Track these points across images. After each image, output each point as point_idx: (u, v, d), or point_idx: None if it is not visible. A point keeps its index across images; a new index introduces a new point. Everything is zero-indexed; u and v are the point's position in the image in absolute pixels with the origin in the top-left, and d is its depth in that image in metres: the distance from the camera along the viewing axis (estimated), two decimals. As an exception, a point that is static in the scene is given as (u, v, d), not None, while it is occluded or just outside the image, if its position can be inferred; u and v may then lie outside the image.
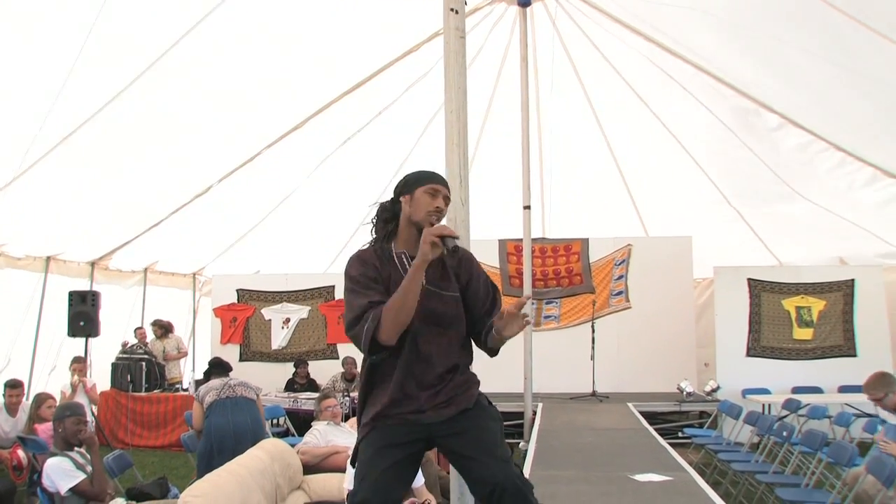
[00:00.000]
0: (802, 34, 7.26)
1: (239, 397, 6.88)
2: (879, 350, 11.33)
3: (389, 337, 2.87)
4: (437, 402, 2.99)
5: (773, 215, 11.94)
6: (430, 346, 3.02)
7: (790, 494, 6.03)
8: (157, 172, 9.52)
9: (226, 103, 8.65)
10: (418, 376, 2.99)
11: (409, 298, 2.86)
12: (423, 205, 3.06)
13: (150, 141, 8.73)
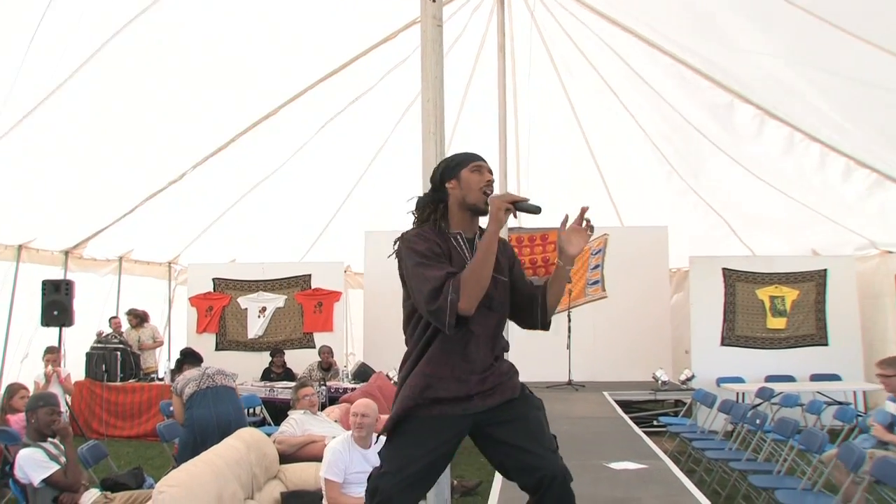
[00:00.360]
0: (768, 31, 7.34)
1: (219, 386, 6.87)
2: (850, 339, 11.48)
3: (471, 306, 2.85)
4: (484, 389, 2.99)
5: (743, 207, 12.04)
6: (480, 327, 3.01)
7: (762, 481, 6.10)
8: (130, 159, 9.38)
9: (201, 88, 8.55)
10: (470, 357, 2.99)
11: (487, 265, 2.88)
12: (474, 183, 3.06)
13: (124, 126, 8.61)
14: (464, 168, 3.10)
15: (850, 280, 11.65)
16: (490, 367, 3.04)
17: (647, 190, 12.24)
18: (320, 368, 11.10)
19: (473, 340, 3.00)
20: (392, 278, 11.17)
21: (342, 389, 10.14)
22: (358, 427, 5.26)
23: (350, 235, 12.85)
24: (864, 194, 9.95)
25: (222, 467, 4.62)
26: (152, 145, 9.34)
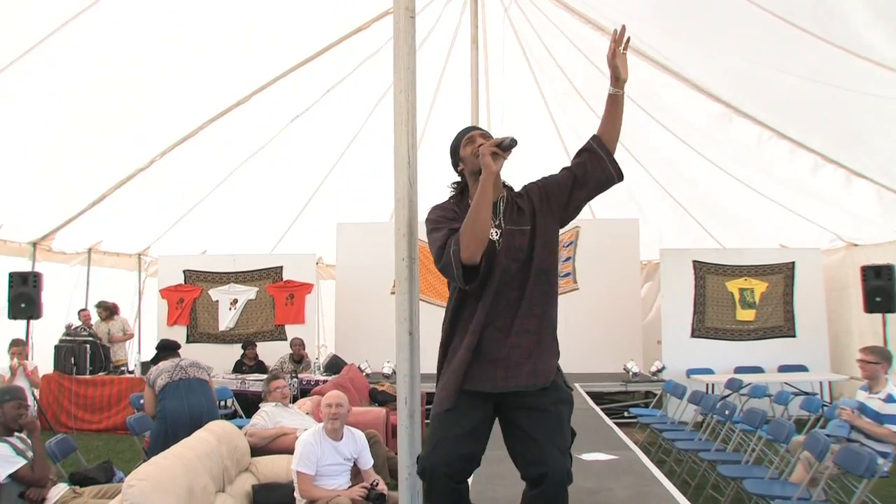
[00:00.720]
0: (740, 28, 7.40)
1: (192, 379, 6.83)
2: (817, 331, 11.65)
3: (472, 253, 2.96)
4: (515, 361, 3.06)
5: (713, 202, 12.14)
6: (513, 283, 3.10)
7: (731, 471, 6.17)
8: (98, 147, 9.18)
9: (170, 75, 8.39)
10: (502, 315, 3.08)
11: (481, 210, 2.98)
12: (469, 154, 3.21)
13: (92, 114, 8.43)
14: (460, 148, 3.28)
15: (816, 272, 11.80)
16: (523, 334, 3.10)
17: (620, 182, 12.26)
18: (292, 361, 11.05)
19: (505, 298, 3.10)
20: (365, 269, 11.28)
21: (314, 382, 10.11)
22: (332, 418, 5.25)
23: (322, 227, 12.79)
24: (832, 189, 10.06)
25: (193, 460, 4.58)
26: (121, 133, 9.14)
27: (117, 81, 8.09)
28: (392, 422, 7.59)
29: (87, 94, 8.07)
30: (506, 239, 3.15)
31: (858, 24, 6.43)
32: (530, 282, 3.14)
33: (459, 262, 2.97)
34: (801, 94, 8.27)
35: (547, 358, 3.17)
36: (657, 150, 11.09)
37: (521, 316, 3.10)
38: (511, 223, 3.19)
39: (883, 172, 9.46)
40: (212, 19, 7.80)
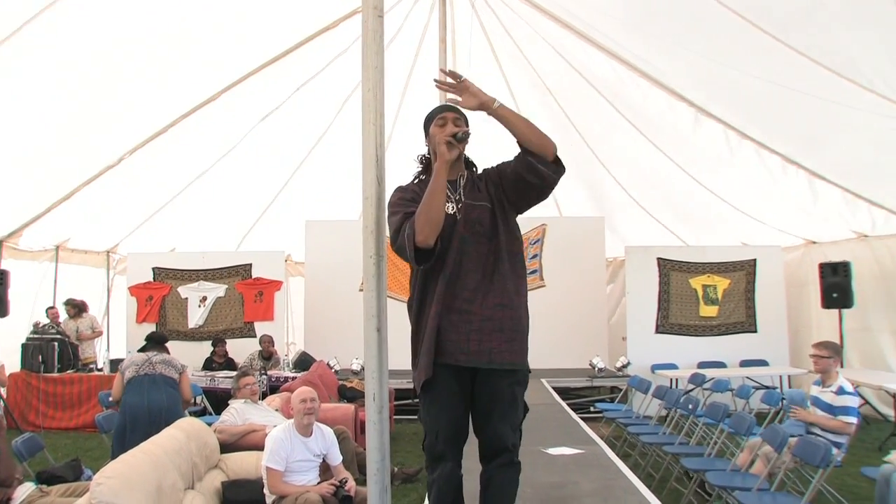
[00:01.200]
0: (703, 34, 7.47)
1: (157, 375, 6.78)
2: (777, 326, 11.83)
3: (426, 237, 3.11)
4: (488, 332, 3.18)
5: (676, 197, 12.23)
6: (477, 253, 3.25)
7: (694, 464, 6.23)
8: (66, 143, 9.06)
9: (139, 68, 8.26)
10: (470, 289, 3.21)
11: (435, 196, 3.13)
12: (438, 136, 3.30)
13: (59, 109, 8.32)
14: (431, 123, 3.43)
15: (777, 269, 11.97)
16: (497, 308, 3.22)
17: (585, 180, 12.34)
18: (261, 357, 11.04)
19: (464, 268, 3.23)
20: (333, 267, 11.24)
21: (283, 378, 10.08)
22: (307, 413, 5.27)
23: (291, 224, 12.74)
24: (793, 189, 10.20)
25: (162, 457, 4.54)
26: (88, 130, 9.02)
27: (85, 79, 7.98)
28: (361, 418, 7.59)
29: (55, 91, 7.96)
30: (464, 212, 3.28)
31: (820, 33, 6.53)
32: (502, 261, 3.28)
33: (413, 244, 3.12)
34: (765, 97, 8.37)
35: (521, 339, 3.31)
36: (623, 149, 11.15)
37: (494, 293, 3.23)
38: (470, 198, 3.35)
39: (841, 174, 9.62)
40: (180, 18, 7.72)
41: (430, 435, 3.25)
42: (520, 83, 10.58)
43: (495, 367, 3.18)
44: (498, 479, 3.21)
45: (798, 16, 6.49)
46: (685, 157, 10.69)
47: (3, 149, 8.60)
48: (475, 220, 3.29)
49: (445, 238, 3.22)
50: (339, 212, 12.35)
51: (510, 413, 3.22)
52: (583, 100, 10.23)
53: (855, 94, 7.09)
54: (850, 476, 6.97)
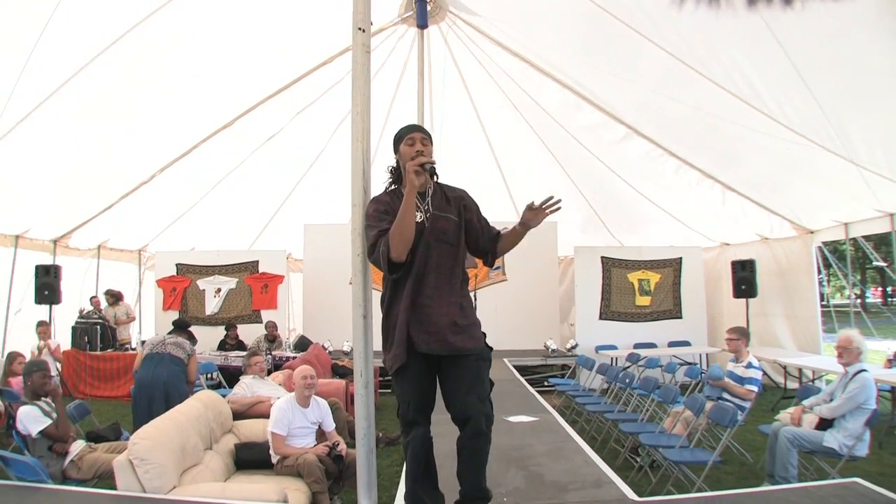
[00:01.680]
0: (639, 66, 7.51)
1: (166, 354, 6.76)
2: (698, 313, 12.00)
3: (399, 254, 3.07)
4: (448, 323, 3.15)
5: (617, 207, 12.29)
6: (440, 257, 3.21)
7: (630, 427, 6.27)
8: (108, 162, 9.25)
9: (169, 100, 8.40)
10: (430, 281, 3.17)
11: (406, 218, 3.05)
12: (406, 155, 3.26)
13: (104, 133, 8.47)
14: (401, 142, 3.34)
15: (698, 266, 12.10)
16: (455, 306, 3.20)
17: (541, 190, 12.31)
18: (266, 340, 10.99)
19: (432, 267, 3.18)
20: (327, 263, 11.16)
21: (285, 358, 10.02)
22: (308, 387, 5.27)
23: (292, 227, 12.71)
24: (710, 199, 10.30)
25: (185, 423, 4.62)
26: (126, 152, 9.21)
27: (127, 110, 8.18)
28: (351, 391, 7.55)
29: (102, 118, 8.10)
30: (431, 221, 3.22)
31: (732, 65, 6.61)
32: (458, 265, 3.28)
33: (387, 259, 3.08)
34: (688, 121, 8.45)
35: (476, 328, 3.26)
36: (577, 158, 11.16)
37: (451, 292, 3.20)
38: (437, 209, 3.28)
39: (747, 187, 9.77)
40: (202, 59, 7.81)
41: (403, 405, 3.22)
42: (485, 105, 10.57)
43: (455, 354, 3.16)
44: (469, 447, 3.18)
45: (717, 54, 6.55)
46: (624, 169, 10.75)
47: (58, 167, 8.73)
48: (441, 229, 3.24)
49: (414, 243, 3.16)
50: (333, 216, 12.33)
51: (476, 385, 3.16)
52: (540, 117, 10.25)
53: (760, 120, 7.19)
54: (750, 433, 7.12)
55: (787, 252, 10.86)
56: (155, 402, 6.32)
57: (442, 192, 3.37)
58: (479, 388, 3.18)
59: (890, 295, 37.48)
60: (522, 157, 11.63)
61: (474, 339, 3.22)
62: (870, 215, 8.84)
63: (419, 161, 3.11)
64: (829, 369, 7.99)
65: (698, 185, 10.05)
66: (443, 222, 3.25)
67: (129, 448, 4.03)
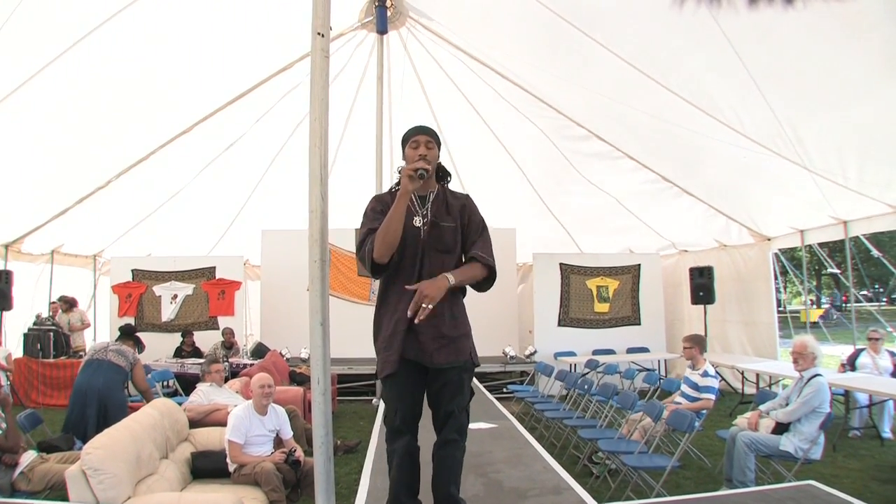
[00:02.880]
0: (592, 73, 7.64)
1: (105, 361, 6.65)
2: (656, 319, 12.15)
3: (380, 255, 3.11)
4: (436, 335, 3.17)
5: (577, 212, 12.41)
6: (433, 266, 3.21)
7: (588, 434, 6.33)
8: (63, 166, 9.12)
9: (126, 106, 8.31)
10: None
11: (393, 222, 3.07)
12: (409, 158, 3.30)
13: (59, 138, 8.36)
14: (406, 145, 3.36)
15: (656, 273, 12.28)
16: (444, 317, 3.21)
17: (498, 196, 12.41)
18: (223, 347, 10.87)
19: (426, 278, 3.16)
20: (285, 270, 11.05)
21: (242, 365, 9.92)
22: (266, 395, 5.26)
23: (250, 233, 12.60)
24: (669, 204, 10.47)
25: (140, 432, 4.55)
26: (82, 157, 9.08)
27: (82, 115, 8.06)
28: (308, 398, 7.51)
29: (56, 124, 8.03)
30: (430, 228, 3.25)
31: (689, 76, 6.76)
32: (445, 261, 3.29)
33: (371, 259, 3.14)
34: (646, 126, 8.59)
35: (464, 339, 3.32)
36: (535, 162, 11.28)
37: (443, 303, 3.15)
38: (436, 216, 3.30)
39: (706, 194, 9.94)
40: (157, 66, 7.77)
41: (390, 413, 3.27)
42: (444, 110, 10.62)
43: (443, 367, 3.20)
44: (439, 455, 3.23)
45: (674, 62, 6.70)
46: (584, 177, 10.89)
47: (12, 171, 8.61)
48: (437, 236, 3.26)
49: (410, 249, 3.21)
50: (291, 222, 12.26)
51: (456, 396, 3.24)
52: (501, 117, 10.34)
53: (716, 128, 7.37)
54: (708, 437, 7.27)
55: (745, 258, 11.11)
56: (89, 409, 6.25)
57: (444, 198, 3.39)
58: (458, 399, 3.26)
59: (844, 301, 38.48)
60: (481, 161, 11.70)
61: (459, 351, 3.25)
62: (825, 222, 9.11)
63: (413, 166, 3.12)
64: (786, 374, 8.17)
65: (656, 189, 10.25)
66: (439, 230, 3.27)
67: (83, 458, 3.95)
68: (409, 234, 3.21)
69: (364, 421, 8.87)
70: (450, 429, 3.22)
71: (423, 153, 3.27)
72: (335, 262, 12.14)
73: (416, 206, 3.30)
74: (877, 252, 10.14)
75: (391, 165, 11.70)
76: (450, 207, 3.37)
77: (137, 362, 6.91)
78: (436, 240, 3.25)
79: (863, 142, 6.72)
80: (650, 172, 9.96)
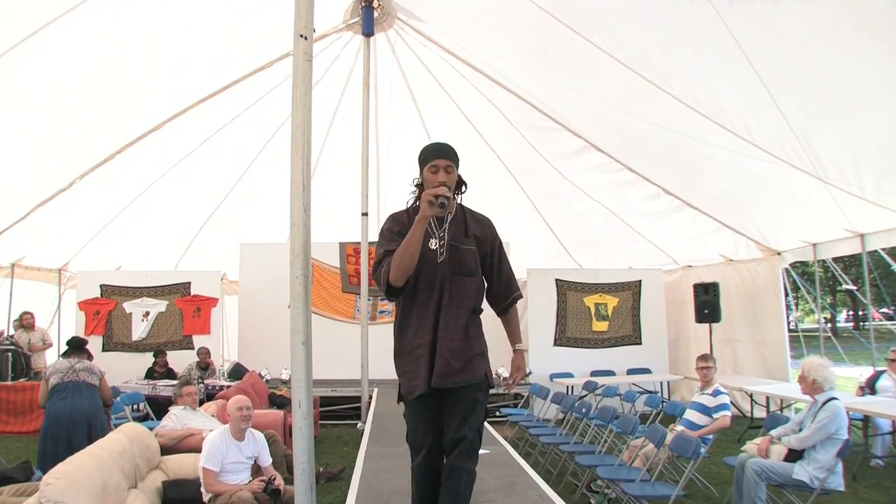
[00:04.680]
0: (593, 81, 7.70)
1: (81, 382, 6.60)
2: (658, 339, 12.15)
3: (396, 279, 3.21)
4: (452, 357, 3.29)
5: (574, 225, 12.44)
6: (456, 290, 3.34)
7: (587, 460, 6.31)
8: (20, 167, 8.96)
9: (88, 102, 8.19)
10: (448, 316, 3.32)
11: (410, 246, 3.16)
12: (429, 182, 3.34)
13: (15, 137, 8.22)
14: (425, 166, 3.39)
15: (658, 290, 12.31)
16: (462, 339, 3.35)
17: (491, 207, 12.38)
18: (198, 368, 10.82)
19: (450, 303, 3.32)
20: (265, 286, 11.02)
21: (218, 387, 9.88)
22: (244, 419, 5.22)
23: (227, 247, 12.55)
24: (671, 217, 10.51)
25: (106, 459, 4.47)
26: (41, 156, 8.92)
27: (40, 112, 7.93)
28: (289, 423, 7.49)
29: (13, 122, 7.90)
30: (449, 252, 3.34)
31: (694, 81, 6.80)
32: (478, 297, 3.47)
33: (387, 281, 3.24)
34: (646, 135, 8.64)
35: (479, 359, 3.46)
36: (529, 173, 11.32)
37: (463, 325, 3.35)
38: (455, 239, 3.40)
39: (711, 206, 9.97)
40: (122, 58, 7.67)
41: (410, 432, 3.40)
42: (434, 117, 10.67)
43: (462, 385, 3.32)
44: (452, 487, 3.32)
45: (675, 66, 6.74)
46: (582, 187, 10.93)
47: None
48: (458, 260, 3.36)
49: (426, 272, 3.30)
50: (271, 234, 12.24)
51: (470, 414, 3.34)
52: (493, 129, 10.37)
53: (721, 135, 7.39)
54: (715, 465, 7.26)
55: (753, 274, 11.15)
56: (76, 437, 6.16)
57: (463, 219, 3.49)
58: (472, 418, 3.35)
59: (861, 319, 38.40)
60: (472, 171, 11.69)
61: (473, 370, 3.37)
62: (839, 235, 9.10)
63: (434, 192, 3.15)
64: (798, 397, 8.07)
65: (658, 202, 10.28)
66: (460, 254, 3.38)
67: (41, 489, 3.82)
68: (426, 256, 3.30)
69: (348, 446, 8.84)
70: (460, 453, 3.29)
71: (442, 180, 3.31)
72: (318, 277, 12.14)
73: (433, 227, 3.39)
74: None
75: (378, 174, 11.74)
76: (469, 229, 3.47)
77: (103, 375, 6.91)
78: (457, 264, 3.36)
79: (881, 149, 6.68)
80: (651, 185, 10.00)
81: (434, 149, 3.43)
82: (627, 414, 7.36)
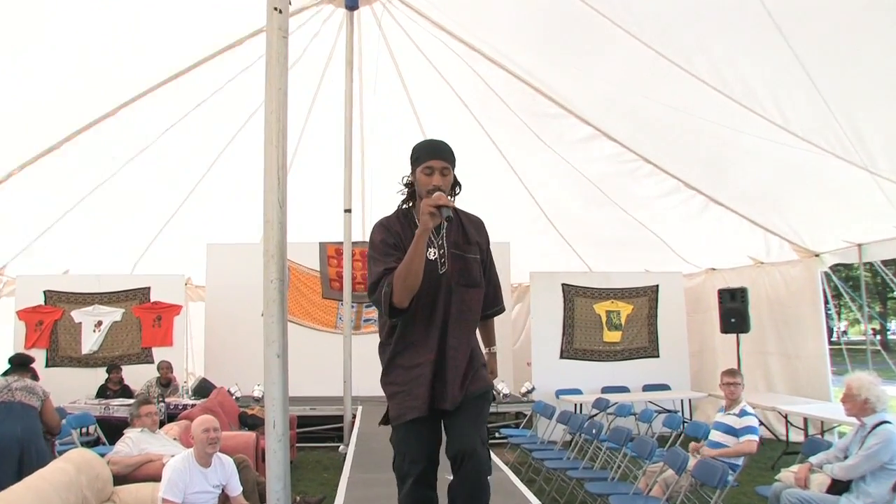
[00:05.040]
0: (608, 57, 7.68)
1: (16, 403, 6.48)
2: (679, 351, 12.15)
3: (401, 300, 3.21)
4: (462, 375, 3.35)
5: (584, 226, 12.44)
6: (461, 303, 3.40)
7: (598, 488, 6.33)
8: None
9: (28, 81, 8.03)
10: (454, 331, 3.36)
11: (414, 263, 3.18)
12: (422, 184, 3.36)
13: None
14: (418, 167, 3.42)
15: (678, 295, 12.30)
16: (468, 354, 3.40)
17: (489, 203, 12.39)
18: (159, 384, 10.74)
19: (456, 316, 3.37)
20: (235, 291, 11.01)
21: (182, 406, 9.83)
22: (211, 443, 5.20)
23: (192, 247, 12.46)
24: (692, 214, 10.50)
25: (48, 492, 4.41)
26: None
27: None
28: (262, 446, 7.46)
29: None
30: (451, 261, 3.39)
31: (721, 60, 6.78)
32: (476, 306, 3.49)
33: (389, 302, 3.23)
34: (665, 122, 8.61)
35: (484, 369, 3.53)
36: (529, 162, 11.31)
37: (471, 339, 3.45)
38: (455, 247, 3.46)
39: (739, 201, 9.94)
40: (76, 30, 7.54)
41: (398, 457, 3.39)
42: (425, 101, 10.67)
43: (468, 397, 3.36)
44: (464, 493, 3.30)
45: (700, 45, 6.72)
46: (591, 181, 10.91)
47: None
48: (461, 269, 3.41)
49: (431, 286, 3.32)
50: (242, 234, 12.18)
51: (479, 425, 3.36)
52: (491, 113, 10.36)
53: (753, 121, 7.34)
54: (746, 495, 7.24)
55: (787, 278, 11.09)
56: (6, 464, 6.05)
57: (459, 222, 3.51)
58: (480, 430, 3.37)
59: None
60: (468, 162, 11.66)
61: (480, 379, 3.43)
62: (889, 235, 8.97)
63: (434, 202, 3.15)
64: (841, 419, 7.86)
65: (678, 197, 10.29)
66: (464, 263, 3.43)
67: None
68: (425, 268, 3.29)
69: (329, 472, 8.83)
70: (473, 469, 3.25)
71: (437, 183, 3.33)
72: (295, 281, 12.12)
73: (430, 236, 3.37)
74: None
75: (362, 166, 11.72)
76: (468, 235, 3.51)
77: (48, 398, 6.82)
78: (462, 274, 3.41)
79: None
80: (670, 178, 9.98)
81: (429, 148, 3.43)
82: (643, 436, 7.37)
